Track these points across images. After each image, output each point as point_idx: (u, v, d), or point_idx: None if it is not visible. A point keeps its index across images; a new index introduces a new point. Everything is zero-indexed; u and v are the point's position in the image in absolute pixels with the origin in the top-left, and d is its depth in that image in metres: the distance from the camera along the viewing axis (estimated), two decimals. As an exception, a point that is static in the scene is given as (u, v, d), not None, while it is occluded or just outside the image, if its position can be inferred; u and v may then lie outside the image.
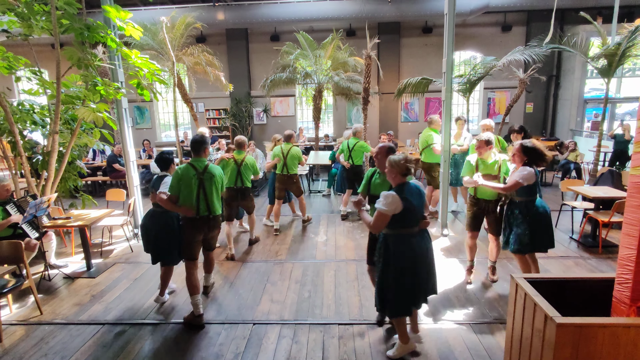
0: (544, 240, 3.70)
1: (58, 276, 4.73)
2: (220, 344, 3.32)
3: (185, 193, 3.54)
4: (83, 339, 3.42)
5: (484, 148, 4.08)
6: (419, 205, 2.89)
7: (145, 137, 12.12)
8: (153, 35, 9.07)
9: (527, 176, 3.53)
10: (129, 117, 5.97)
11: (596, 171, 7.92)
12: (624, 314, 2.34)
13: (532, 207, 3.70)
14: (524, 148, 3.56)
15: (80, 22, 4.60)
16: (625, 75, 11.95)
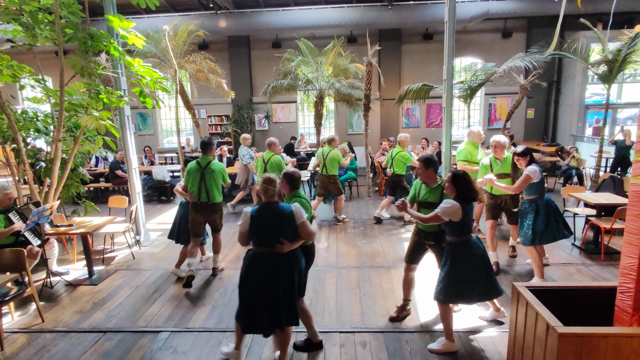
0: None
1: (60, 283, 4.74)
2: (222, 352, 3.31)
3: (191, 183, 4.56)
4: (84, 347, 3.42)
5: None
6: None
7: (147, 144, 12.19)
8: (156, 43, 9.14)
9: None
10: (132, 124, 6.01)
11: (598, 177, 7.92)
12: (626, 323, 2.33)
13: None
14: (454, 177, 3.13)
15: (83, 31, 4.65)
16: (626, 81, 11.97)
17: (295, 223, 2.87)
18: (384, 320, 3.75)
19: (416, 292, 4.30)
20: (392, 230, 6.46)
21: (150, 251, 5.83)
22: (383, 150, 9.67)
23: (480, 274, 3.14)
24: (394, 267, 4.99)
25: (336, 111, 12.16)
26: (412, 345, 3.34)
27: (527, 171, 3.98)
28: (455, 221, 3.04)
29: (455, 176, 3.09)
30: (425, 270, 4.86)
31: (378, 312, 3.90)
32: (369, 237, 6.17)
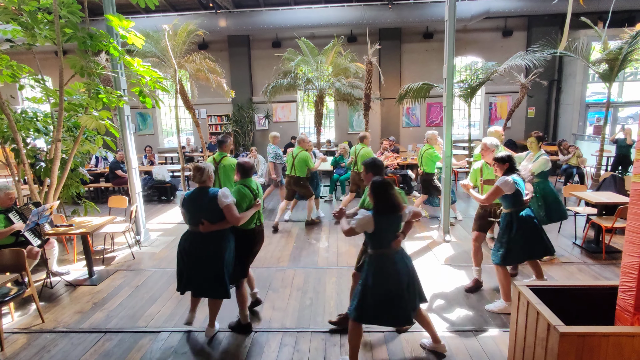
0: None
1: (60, 284, 4.74)
2: (222, 352, 3.31)
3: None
4: (84, 348, 3.42)
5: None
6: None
7: (147, 143, 12.19)
8: (155, 43, 9.13)
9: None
10: (131, 124, 6.01)
11: (599, 176, 7.90)
12: (627, 322, 2.32)
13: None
14: (372, 186, 2.86)
15: (83, 31, 4.64)
16: (627, 80, 11.94)
17: (219, 206, 3.18)
18: (384, 319, 3.73)
19: (417, 291, 4.30)
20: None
21: (151, 251, 5.82)
22: (383, 150, 9.65)
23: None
24: (395, 266, 4.97)
25: (336, 110, 12.16)
26: (412, 345, 3.33)
27: (498, 182, 3.55)
28: (369, 232, 2.81)
29: (374, 185, 2.83)
30: (424, 269, 4.86)
31: (378, 311, 3.88)
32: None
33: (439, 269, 4.88)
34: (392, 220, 2.82)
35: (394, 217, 2.81)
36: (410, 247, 5.65)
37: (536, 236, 3.71)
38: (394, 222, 2.83)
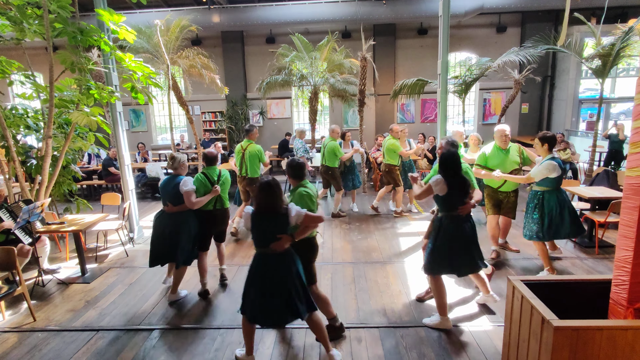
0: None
1: (52, 282, 4.68)
2: (216, 349, 3.29)
3: (237, 160, 5.94)
4: (77, 346, 3.38)
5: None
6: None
7: (141, 140, 12.07)
8: (148, 39, 9.03)
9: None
10: (124, 121, 5.94)
11: (592, 171, 7.95)
12: (621, 315, 2.33)
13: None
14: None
15: (73, 26, 4.57)
16: (619, 75, 12.01)
17: (179, 191, 3.85)
18: (379, 315, 3.74)
19: (411, 286, 4.30)
20: (387, 226, 6.45)
21: (144, 248, 5.77)
22: (378, 146, 9.65)
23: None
24: (390, 262, 4.98)
25: (331, 107, 12.12)
26: (407, 340, 3.33)
27: (432, 180, 3.34)
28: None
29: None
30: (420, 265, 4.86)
31: (374, 307, 3.89)
32: (364, 232, 6.16)
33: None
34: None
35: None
36: (405, 242, 5.65)
37: (462, 249, 3.36)
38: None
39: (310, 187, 3.21)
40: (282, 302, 2.81)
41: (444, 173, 3.29)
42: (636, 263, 2.26)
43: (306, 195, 3.10)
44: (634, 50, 7.41)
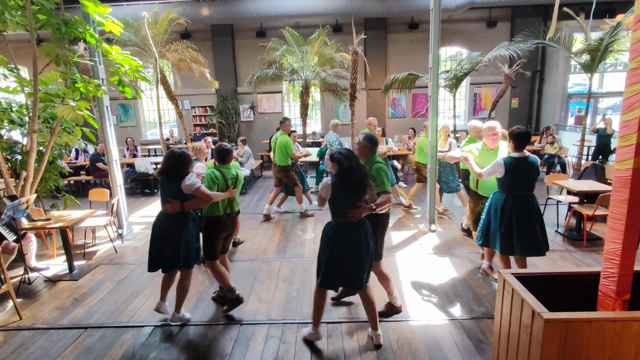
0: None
1: (39, 279, 4.60)
2: (207, 345, 3.26)
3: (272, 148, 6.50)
4: (64, 344, 3.32)
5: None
6: None
7: (129, 135, 11.91)
8: (135, 32, 8.88)
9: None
10: (112, 115, 5.84)
11: (580, 165, 8.04)
12: (609, 307, 2.36)
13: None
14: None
15: (57, 17, 4.45)
16: (607, 70, 12.15)
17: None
18: (371, 309, 3.74)
19: (402, 281, 4.31)
20: (378, 220, 6.45)
21: (134, 245, 5.71)
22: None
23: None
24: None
25: (322, 101, 12.07)
26: (399, 334, 3.34)
27: (320, 184, 3.03)
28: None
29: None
30: (410, 259, 4.88)
31: (365, 301, 3.88)
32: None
33: (425, 258, 4.90)
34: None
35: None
36: (397, 237, 5.67)
37: (351, 260, 2.99)
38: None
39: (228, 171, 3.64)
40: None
41: (335, 174, 2.94)
42: (625, 255, 2.28)
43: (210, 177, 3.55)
44: (622, 45, 7.48)
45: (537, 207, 3.66)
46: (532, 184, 3.64)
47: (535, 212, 3.64)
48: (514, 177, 3.60)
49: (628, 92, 2.17)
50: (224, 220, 3.66)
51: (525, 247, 3.63)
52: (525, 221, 3.60)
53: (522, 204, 3.61)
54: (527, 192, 3.64)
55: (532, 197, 3.65)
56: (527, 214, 3.60)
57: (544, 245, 3.67)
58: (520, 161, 3.57)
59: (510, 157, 3.61)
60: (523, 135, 3.54)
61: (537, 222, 3.63)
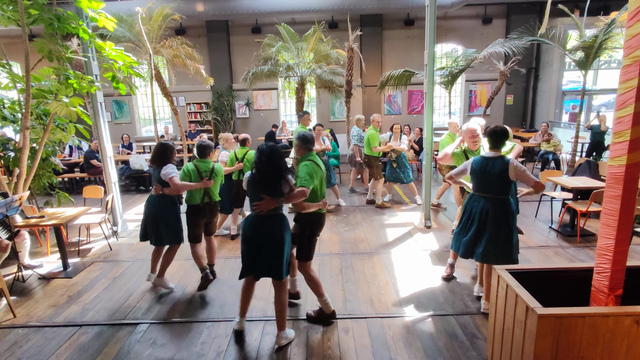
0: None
1: (33, 277, 4.57)
2: (202, 342, 3.26)
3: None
4: (58, 342, 3.31)
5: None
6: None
7: (124, 132, 11.82)
8: (129, 27, 8.80)
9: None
10: (105, 111, 5.79)
11: (574, 162, 8.09)
12: (602, 302, 2.38)
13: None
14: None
15: (49, 13, 4.40)
16: (601, 68, 12.21)
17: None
18: (366, 306, 3.75)
19: (397, 277, 4.33)
20: (374, 217, 6.47)
21: (129, 242, 5.68)
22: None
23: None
24: (377, 253, 5.00)
25: (318, 98, 12.05)
26: (394, 330, 3.35)
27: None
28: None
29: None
30: (407, 255, 4.90)
31: (361, 298, 3.90)
32: (352, 224, 6.16)
33: (420, 254, 4.92)
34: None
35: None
36: (393, 233, 5.68)
37: (264, 254, 3.05)
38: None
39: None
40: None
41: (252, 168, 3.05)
42: (618, 251, 2.30)
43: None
44: (616, 42, 7.52)
45: (502, 213, 3.32)
46: (496, 186, 3.30)
47: (499, 217, 3.32)
48: (475, 176, 3.40)
49: (622, 88, 2.18)
50: (201, 208, 4.07)
51: (474, 251, 3.44)
52: (484, 225, 3.37)
53: (484, 206, 3.37)
54: (490, 195, 3.35)
55: (497, 201, 3.33)
56: (486, 217, 3.35)
57: (502, 254, 3.34)
58: (490, 161, 3.31)
59: (480, 156, 3.41)
60: (497, 133, 3.30)
61: (499, 228, 3.32)
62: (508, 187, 3.32)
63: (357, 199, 7.58)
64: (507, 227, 3.34)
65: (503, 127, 3.37)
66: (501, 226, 3.33)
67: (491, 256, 3.35)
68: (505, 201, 3.35)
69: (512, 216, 3.36)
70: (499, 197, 3.34)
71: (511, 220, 3.36)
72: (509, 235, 3.35)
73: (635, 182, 2.22)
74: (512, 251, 3.37)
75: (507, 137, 3.37)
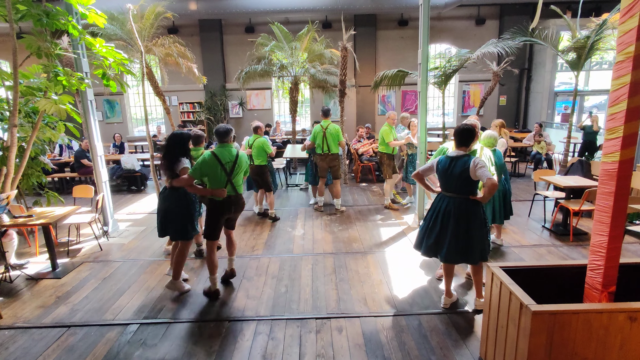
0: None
1: (20, 277, 4.48)
2: (194, 342, 3.21)
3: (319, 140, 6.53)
4: (46, 343, 3.24)
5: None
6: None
7: (116, 132, 11.70)
8: (121, 25, 8.70)
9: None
10: (95, 110, 5.71)
11: (566, 161, 8.14)
12: (595, 299, 2.37)
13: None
14: None
15: (38, 8, 4.32)
16: (592, 69, 12.32)
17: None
18: (360, 305, 3.72)
19: (392, 275, 4.31)
20: (368, 217, 6.45)
21: (119, 242, 5.60)
22: (359, 137, 9.64)
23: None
24: (370, 252, 4.98)
25: (312, 98, 12.01)
26: (387, 329, 3.33)
27: None
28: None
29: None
30: (401, 254, 4.88)
31: (354, 297, 3.87)
32: (345, 223, 6.14)
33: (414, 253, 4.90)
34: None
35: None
36: (386, 232, 5.66)
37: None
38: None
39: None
40: None
41: None
42: (611, 248, 2.29)
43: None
44: (607, 43, 7.57)
45: (464, 212, 3.27)
46: (458, 185, 3.26)
47: (460, 216, 3.27)
48: (439, 175, 3.39)
49: (615, 84, 2.17)
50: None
51: (437, 250, 3.45)
52: (447, 225, 3.34)
53: (447, 205, 3.33)
54: (453, 194, 3.31)
55: (461, 200, 3.28)
56: (449, 217, 3.32)
57: (464, 255, 3.33)
58: (454, 160, 3.26)
59: (445, 155, 3.37)
60: (462, 132, 3.26)
61: (458, 228, 3.29)
62: (472, 187, 3.26)
63: (350, 199, 7.55)
64: (467, 226, 3.27)
65: (469, 126, 3.29)
66: (461, 225, 3.27)
67: (453, 256, 3.35)
68: (468, 200, 3.28)
69: (475, 216, 3.28)
70: (462, 197, 3.28)
71: (473, 219, 3.27)
72: (470, 236, 3.28)
73: (628, 179, 2.22)
74: (473, 252, 3.31)
75: (473, 136, 3.30)
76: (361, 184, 8.87)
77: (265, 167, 6.30)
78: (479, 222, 3.31)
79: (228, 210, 3.86)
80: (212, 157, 3.66)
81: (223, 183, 3.72)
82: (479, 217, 3.31)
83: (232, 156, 3.76)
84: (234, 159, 3.77)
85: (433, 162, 3.45)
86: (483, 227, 3.35)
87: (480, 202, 3.30)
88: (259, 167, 6.24)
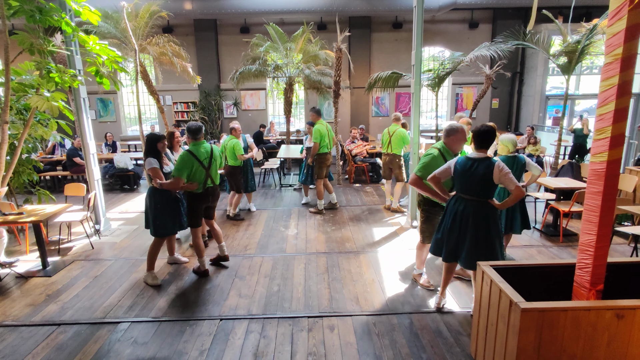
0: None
1: (10, 276, 4.43)
2: (185, 341, 3.19)
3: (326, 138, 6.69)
4: (35, 341, 3.21)
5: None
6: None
7: (109, 130, 11.62)
8: (115, 24, 8.67)
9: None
10: (88, 107, 5.67)
11: (557, 164, 8.23)
12: (584, 297, 2.41)
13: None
14: None
15: (31, 4, 4.29)
16: (583, 73, 12.49)
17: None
18: (352, 304, 3.74)
19: (384, 275, 4.33)
20: (361, 217, 6.47)
21: (111, 241, 5.56)
22: (353, 138, 9.67)
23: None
24: (363, 252, 5.00)
25: (306, 99, 12.03)
26: (379, 327, 3.34)
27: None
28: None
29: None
30: (393, 254, 4.90)
31: (347, 296, 3.88)
32: (338, 223, 6.15)
33: (406, 253, 4.93)
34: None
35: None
36: (379, 232, 5.69)
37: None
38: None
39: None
40: None
41: None
42: (599, 246, 2.33)
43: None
44: (598, 48, 7.69)
45: (483, 216, 3.16)
46: (479, 189, 3.13)
47: (479, 220, 3.16)
48: (458, 177, 3.24)
49: (603, 86, 2.22)
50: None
51: (457, 255, 3.32)
52: (465, 229, 3.22)
53: (465, 208, 3.21)
54: (471, 196, 3.18)
55: (478, 203, 3.17)
56: (467, 220, 3.20)
57: (484, 259, 3.14)
58: (474, 162, 3.12)
59: (465, 157, 3.22)
60: (482, 133, 3.12)
61: (478, 232, 3.17)
62: (491, 191, 3.16)
63: (344, 199, 7.57)
64: (487, 231, 3.16)
65: (489, 126, 3.16)
66: (480, 230, 3.16)
67: (473, 262, 3.16)
68: (487, 204, 3.17)
69: (493, 220, 3.18)
70: (481, 200, 3.17)
71: (492, 224, 3.17)
72: (489, 240, 3.17)
73: (615, 179, 2.26)
74: (495, 255, 3.18)
75: (494, 137, 3.20)
76: (354, 184, 8.89)
77: (237, 169, 6.28)
78: (496, 227, 3.20)
79: (206, 200, 4.22)
80: (189, 155, 3.95)
81: (203, 177, 4.07)
82: (496, 222, 3.20)
83: (207, 152, 4.10)
84: (209, 154, 4.12)
85: (450, 163, 3.28)
86: (500, 232, 3.24)
87: (497, 207, 3.20)
88: (232, 167, 6.27)
